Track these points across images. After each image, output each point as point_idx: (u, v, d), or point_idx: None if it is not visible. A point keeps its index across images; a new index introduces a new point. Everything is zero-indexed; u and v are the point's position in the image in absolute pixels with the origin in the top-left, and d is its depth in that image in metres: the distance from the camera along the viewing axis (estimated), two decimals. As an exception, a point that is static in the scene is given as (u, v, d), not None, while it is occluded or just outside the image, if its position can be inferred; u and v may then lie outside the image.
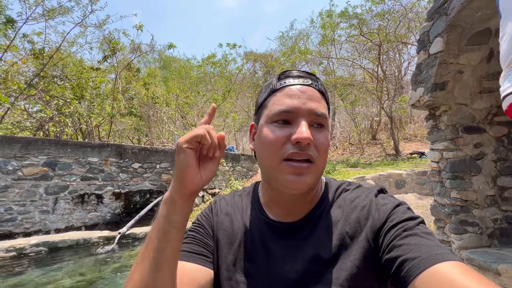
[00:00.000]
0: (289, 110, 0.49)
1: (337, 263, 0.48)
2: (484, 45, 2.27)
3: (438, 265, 0.36)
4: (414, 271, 0.37)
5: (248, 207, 0.62)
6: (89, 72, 8.10)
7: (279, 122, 0.50)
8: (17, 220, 4.89)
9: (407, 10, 10.21)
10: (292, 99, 0.49)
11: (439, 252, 0.38)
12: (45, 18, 7.00)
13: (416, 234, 0.43)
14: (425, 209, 3.73)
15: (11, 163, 4.86)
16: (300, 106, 0.49)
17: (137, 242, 4.61)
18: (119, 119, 9.09)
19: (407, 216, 0.47)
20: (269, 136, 0.49)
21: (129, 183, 6.19)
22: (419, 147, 10.95)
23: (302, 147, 0.47)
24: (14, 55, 7.58)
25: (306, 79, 0.53)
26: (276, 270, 0.51)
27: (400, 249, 0.42)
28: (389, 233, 0.46)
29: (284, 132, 0.48)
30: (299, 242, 0.52)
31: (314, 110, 0.49)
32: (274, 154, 0.48)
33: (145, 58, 16.07)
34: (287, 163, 0.47)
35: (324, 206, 0.55)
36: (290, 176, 0.47)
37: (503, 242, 2.32)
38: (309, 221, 0.54)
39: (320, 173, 0.50)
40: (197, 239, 0.58)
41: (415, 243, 0.41)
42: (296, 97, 0.50)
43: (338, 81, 12.11)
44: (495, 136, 2.43)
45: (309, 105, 0.49)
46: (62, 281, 3.10)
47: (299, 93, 0.50)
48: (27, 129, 7.72)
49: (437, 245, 0.40)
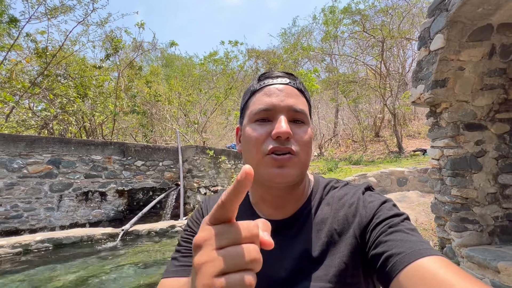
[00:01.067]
0: (268, 108, 0.51)
1: (325, 260, 0.49)
2: (485, 41, 2.24)
3: (421, 260, 0.37)
4: (398, 266, 0.38)
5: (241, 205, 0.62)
6: (92, 71, 8.15)
7: (260, 120, 0.51)
8: (23, 217, 4.98)
9: (411, 6, 10.08)
10: (270, 98, 0.51)
11: (422, 247, 0.40)
12: (47, 17, 7.05)
13: (401, 230, 0.44)
14: (427, 206, 3.72)
15: (16, 161, 4.94)
16: (279, 103, 0.51)
17: (140, 239, 4.67)
18: (122, 117, 9.15)
19: (392, 212, 0.48)
20: (252, 134, 0.51)
21: (132, 181, 6.25)
22: (423, 144, 10.86)
23: (282, 141, 0.48)
24: (18, 54, 7.65)
25: (284, 78, 0.54)
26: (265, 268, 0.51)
27: (385, 245, 0.43)
28: (376, 229, 0.47)
29: (265, 129, 0.50)
30: (288, 240, 0.53)
31: (292, 106, 0.51)
32: (257, 151, 0.50)
33: (147, 56, 16.12)
34: (269, 157, 0.48)
35: (312, 203, 0.56)
36: (273, 169, 0.48)
37: (504, 240, 2.31)
38: (298, 218, 0.55)
39: (303, 166, 0.51)
40: (188, 250, 0.58)
41: (400, 239, 0.42)
42: (274, 95, 0.52)
43: (340, 78, 12.03)
44: (497, 133, 2.41)
45: (287, 102, 0.51)
46: (66, 276, 3.16)
47: (277, 92, 0.52)
48: (31, 127, 7.82)
49: (420, 240, 0.42)
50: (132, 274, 3.31)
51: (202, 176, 7.09)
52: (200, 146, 7.30)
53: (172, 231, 4.96)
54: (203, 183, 7.12)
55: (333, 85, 12.71)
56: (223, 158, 7.74)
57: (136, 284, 3.02)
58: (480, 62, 2.30)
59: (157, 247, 4.28)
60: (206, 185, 7.23)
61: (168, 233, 4.91)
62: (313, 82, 8.76)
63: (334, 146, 13.77)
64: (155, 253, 4.00)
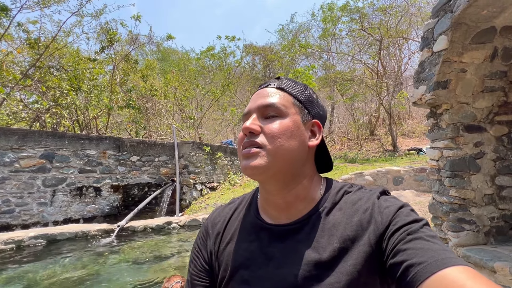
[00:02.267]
0: (246, 112, 0.57)
1: (337, 267, 0.48)
2: (488, 44, 2.25)
3: (445, 270, 0.36)
4: (421, 277, 0.37)
5: (245, 213, 0.62)
6: (86, 63, 7.96)
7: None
8: (15, 212, 4.87)
9: (409, 5, 10.11)
10: (250, 103, 0.58)
11: (446, 256, 0.38)
12: (40, 6, 6.83)
13: (421, 238, 0.42)
14: (423, 205, 3.78)
15: (8, 155, 4.82)
16: (253, 106, 0.56)
17: (136, 235, 4.63)
18: (117, 111, 9.00)
19: (410, 218, 0.46)
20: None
21: (127, 176, 6.18)
22: (417, 143, 11.01)
23: (248, 136, 0.53)
24: (9, 45, 7.41)
25: (266, 83, 0.59)
26: (274, 274, 0.51)
27: (405, 253, 0.41)
28: (393, 237, 0.45)
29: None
30: (296, 244, 0.52)
31: (262, 104, 0.55)
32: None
33: (143, 50, 15.83)
34: (241, 152, 0.53)
35: (323, 207, 0.55)
36: (244, 161, 0.53)
37: (499, 240, 2.36)
38: (306, 222, 0.53)
39: (275, 157, 0.51)
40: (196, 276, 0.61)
41: (420, 247, 0.41)
42: (253, 100, 0.57)
43: (338, 76, 12.05)
44: (496, 136, 2.44)
45: (259, 102, 0.55)
46: (60, 273, 3.11)
47: (255, 97, 0.58)
48: (23, 120, 7.62)
49: (443, 249, 0.40)
50: (128, 270, 3.28)
51: (198, 172, 7.05)
52: (197, 142, 7.25)
53: (168, 227, 4.93)
54: (199, 179, 7.08)
55: (330, 83, 12.73)
56: (219, 155, 7.70)
57: (132, 280, 3.00)
58: (482, 64, 2.32)
59: (153, 244, 4.25)
60: (202, 181, 7.19)
61: (164, 230, 4.88)
62: (311, 79, 8.75)
63: (330, 143, 13.86)
64: (151, 250, 3.98)
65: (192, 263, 0.63)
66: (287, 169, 0.52)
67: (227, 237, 0.61)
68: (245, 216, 0.62)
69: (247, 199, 0.66)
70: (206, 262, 0.61)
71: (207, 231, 0.65)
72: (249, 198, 0.66)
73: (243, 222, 0.60)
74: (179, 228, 4.98)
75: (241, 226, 0.60)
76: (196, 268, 0.61)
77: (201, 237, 0.65)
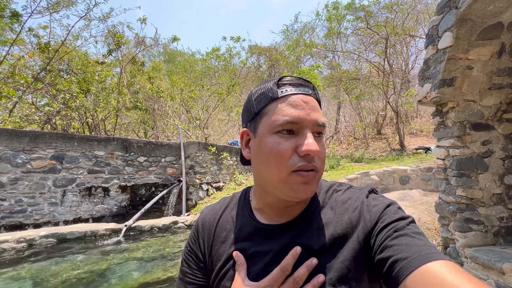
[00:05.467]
0: (295, 121, 0.49)
1: (328, 264, 0.49)
2: (495, 40, 2.20)
3: (428, 265, 0.37)
4: (405, 271, 0.38)
5: (237, 213, 0.63)
6: (94, 66, 8.13)
7: (284, 132, 0.50)
8: (27, 211, 5.02)
9: (415, 2, 9.95)
10: (297, 110, 0.50)
11: (429, 251, 0.39)
12: (49, 11, 7.01)
13: (406, 234, 0.44)
14: (430, 205, 3.71)
15: (20, 156, 4.96)
16: (306, 117, 0.49)
17: (143, 234, 4.70)
18: (125, 113, 9.15)
19: (397, 216, 0.48)
20: (276, 148, 0.49)
21: (134, 177, 6.27)
22: (425, 142, 10.81)
23: (309, 159, 0.48)
24: (21, 49, 7.64)
25: (306, 88, 0.53)
26: (267, 272, 0.52)
27: (391, 249, 0.42)
28: (381, 233, 0.46)
29: (291, 143, 0.49)
30: (289, 242, 0.53)
31: (317, 121, 0.50)
32: (281, 165, 0.48)
33: (150, 52, 16.05)
34: (297, 174, 0.48)
35: (315, 207, 0.56)
36: (299, 185, 0.48)
37: (509, 241, 2.30)
38: (299, 222, 0.55)
39: (320, 179, 0.53)
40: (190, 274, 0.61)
41: (406, 243, 0.42)
42: (300, 107, 0.50)
43: (343, 75, 11.94)
44: (504, 134, 2.39)
45: (313, 116, 0.50)
46: (70, 271, 3.19)
47: (302, 104, 0.50)
48: (35, 122, 7.83)
49: (427, 244, 0.41)
50: (135, 269, 3.33)
51: (204, 172, 7.10)
52: (202, 143, 7.30)
53: (174, 227, 4.99)
54: (205, 179, 7.13)
55: (336, 82, 12.63)
56: (225, 155, 7.74)
57: (139, 279, 3.05)
58: (489, 61, 2.27)
59: (160, 243, 4.31)
60: (208, 181, 7.24)
61: (171, 229, 4.93)
62: (316, 79, 8.71)
63: (336, 143, 13.74)
64: (158, 249, 4.03)
65: (185, 262, 0.63)
66: None
67: (219, 236, 0.61)
68: (238, 215, 0.62)
69: (237, 199, 0.66)
70: (200, 260, 0.62)
71: (197, 230, 0.65)
72: (240, 197, 0.66)
73: (237, 221, 0.61)
74: (185, 227, 5.03)
75: (234, 225, 0.61)
76: (190, 267, 0.62)
77: (192, 237, 0.66)
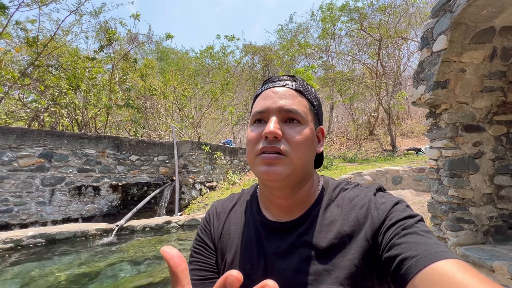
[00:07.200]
0: (262, 110, 0.54)
1: (335, 262, 0.49)
2: (487, 44, 2.26)
3: (437, 263, 0.36)
4: (414, 270, 0.38)
5: (246, 208, 0.63)
6: (85, 62, 7.93)
7: (256, 122, 0.55)
8: (13, 211, 4.85)
9: (408, 5, 10.13)
10: (266, 100, 0.54)
11: (438, 250, 0.39)
12: (38, 4, 6.77)
13: (415, 232, 0.43)
14: (422, 205, 3.78)
15: (6, 154, 4.80)
16: (271, 105, 0.53)
17: (135, 234, 4.62)
18: (116, 111, 8.98)
19: (406, 214, 0.47)
20: (249, 136, 0.55)
21: (126, 176, 6.16)
22: (416, 143, 11.04)
23: (270, 141, 0.50)
24: (8, 43, 7.38)
25: (282, 81, 0.57)
26: (273, 269, 0.52)
27: (399, 247, 0.42)
28: (388, 231, 0.46)
29: (259, 130, 0.53)
30: (295, 240, 0.53)
31: (283, 107, 0.52)
32: (251, 150, 0.53)
33: (142, 49, 15.79)
34: (260, 156, 0.51)
35: (321, 205, 0.56)
36: (263, 167, 0.50)
37: (498, 240, 2.37)
38: (305, 219, 0.55)
39: (296, 166, 0.51)
40: (202, 263, 0.59)
41: (414, 241, 0.41)
42: (269, 98, 0.54)
43: (337, 76, 12.06)
44: (494, 135, 2.45)
45: (279, 103, 0.53)
46: (59, 273, 3.10)
47: (272, 94, 0.55)
48: (21, 119, 7.59)
49: (436, 243, 0.41)
50: (127, 270, 3.27)
51: (197, 171, 7.04)
52: (196, 142, 7.23)
53: (167, 227, 4.92)
54: (199, 178, 7.07)
55: (330, 83, 12.74)
56: (218, 154, 7.70)
57: (131, 280, 2.99)
58: (481, 64, 2.32)
59: (153, 243, 4.25)
60: (202, 181, 7.19)
61: (164, 229, 4.87)
62: (311, 79, 8.75)
63: (329, 143, 13.87)
64: (150, 249, 3.97)
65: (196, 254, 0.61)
66: (297, 177, 0.53)
67: (228, 230, 0.61)
68: (246, 211, 0.62)
69: (246, 195, 0.67)
70: (211, 250, 0.62)
71: (208, 222, 0.65)
72: (249, 194, 0.67)
73: (245, 218, 0.61)
74: (178, 227, 4.97)
75: (242, 222, 0.61)
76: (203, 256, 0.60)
77: (202, 228, 0.65)
